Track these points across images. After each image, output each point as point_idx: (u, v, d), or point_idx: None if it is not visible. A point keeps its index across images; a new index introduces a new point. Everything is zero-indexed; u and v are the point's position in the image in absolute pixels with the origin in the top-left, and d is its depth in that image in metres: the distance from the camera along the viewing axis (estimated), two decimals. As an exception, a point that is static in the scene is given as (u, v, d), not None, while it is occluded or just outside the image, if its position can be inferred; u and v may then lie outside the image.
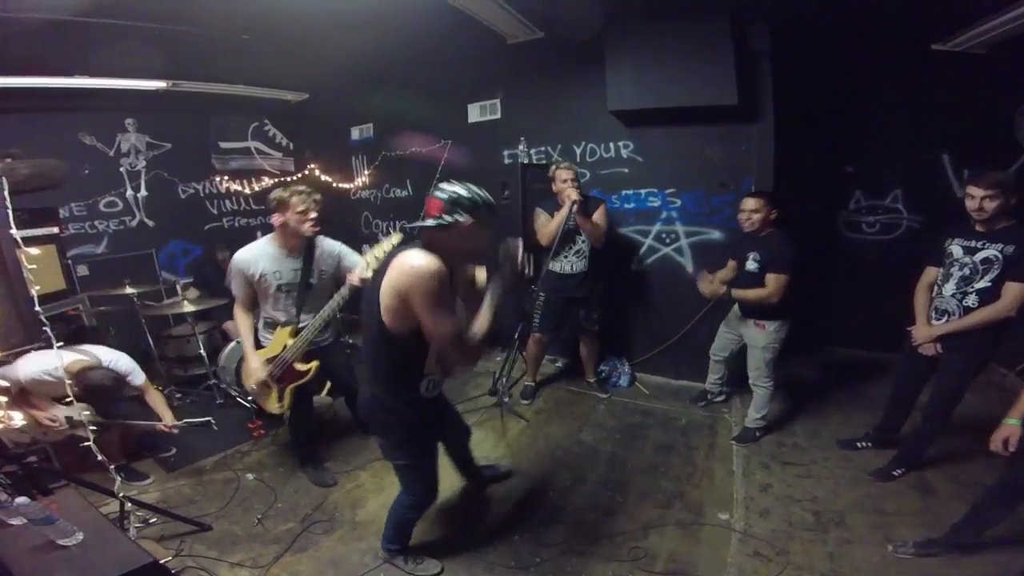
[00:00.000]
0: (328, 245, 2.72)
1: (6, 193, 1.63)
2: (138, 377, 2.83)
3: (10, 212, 1.63)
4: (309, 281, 2.65)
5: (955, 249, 2.46)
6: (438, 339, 1.68)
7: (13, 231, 1.63)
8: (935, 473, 2.73)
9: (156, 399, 2.93)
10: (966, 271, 2.40)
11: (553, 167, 3.48)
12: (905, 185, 4.08)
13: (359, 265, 2.53)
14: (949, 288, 2.47)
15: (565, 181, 3.34)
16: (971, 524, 2.12)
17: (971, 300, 2.38)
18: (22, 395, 2.46)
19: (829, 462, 2.95)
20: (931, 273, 2.61)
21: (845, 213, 4.36)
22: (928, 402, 2.62)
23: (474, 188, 1.71)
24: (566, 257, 3.58)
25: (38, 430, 2.48)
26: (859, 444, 3.04)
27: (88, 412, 2.70)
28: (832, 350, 4.45)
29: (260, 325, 2.77)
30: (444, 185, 1.72)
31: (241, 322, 2.66)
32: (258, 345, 2.72)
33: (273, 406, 2.73)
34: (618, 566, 2.25)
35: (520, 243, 1.79)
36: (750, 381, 3.14)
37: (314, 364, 2.68)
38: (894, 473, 2.73)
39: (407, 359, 1.79)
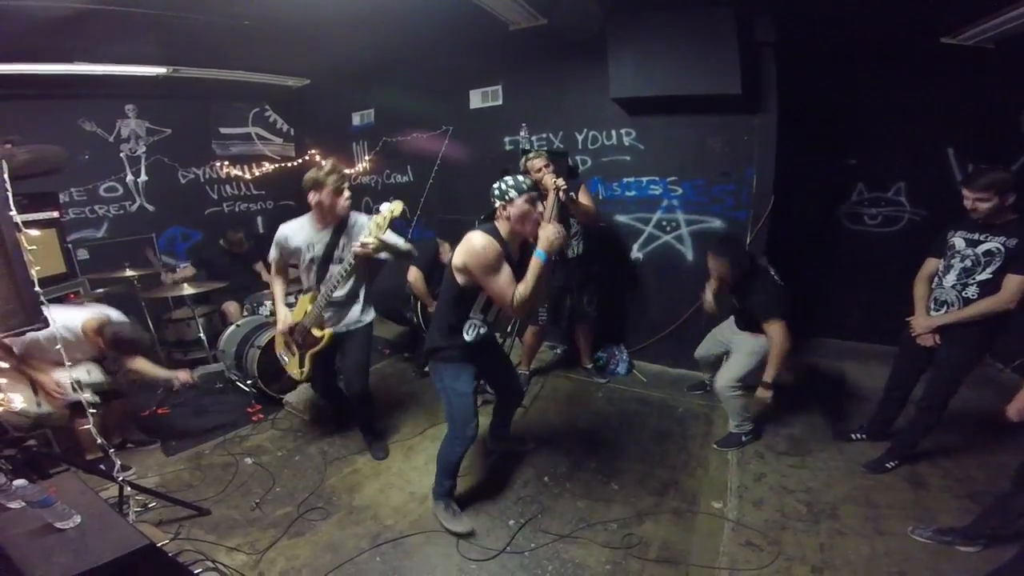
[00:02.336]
0: (359, 220, 2.78)
1: (6, 176, 1.63)
2: None
3: (10, 196, 1.63)
4: (334, 252, 2.73)
5: (958, 241, 2.46)
6: (492, 295, 2.14)
7: (13, 213, 1.63)
8: (928, 466, 2.75)
9: (144, 364, 2.93)
10: (967, 263, 2.40)
11: (523, 160, 3.39)
12: (908, 178, 4.04)
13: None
14: (950, 279, 2.47)
15: (540, 170, 3.23)
16: (995, 514, 2.11)
17: (971, 291, 2.38)
18: (24, 362, 2.48)
19: (824, 453, 2.96)
20: (931, 264, 2.61)
21: (847, 205, 4.33)
22: (923, 394, 2.62)
23: (510, 180, 2.12)
24: (568, 244, 3.58)
25: (44, 400, 2.53)
26: (854, 435, 3.05)
27: (96, 371, 2.77)
28: (831, 342, 4.45)
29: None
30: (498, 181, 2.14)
31: (274, 283, 2.93)
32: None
33: (296, 371, 2.97)
34: (611, 552, 2.28)
35: (553, 226, 2.06)
36: (718, 386, 3.00)
37: (328, 332, 2.81)
38: (887, 465, 2.74)
39: (458, 305, 2.26)
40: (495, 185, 2.15)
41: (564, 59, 4.02)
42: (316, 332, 2.82)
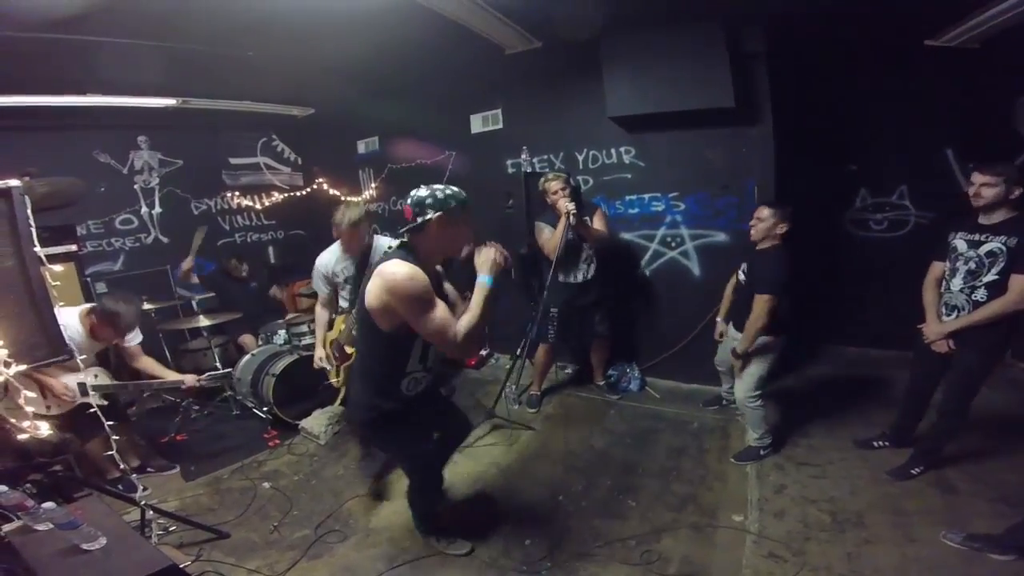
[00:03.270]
0: (379, 241, 3.09)
1: (29, 211, 1.69)
2: (137, 336, 3.01)
3: (33, 230, 1.69)
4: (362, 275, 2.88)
5: (959, 243, 2.45)
6: (428, 337, 1.78)
7: (37, 248, 1.69)
8: (955, 470, 2.68)
9: (151, 364, 3.04)
10: (972, 265, 2.38)
11: (542, 180, 3.51)
12: (911, 181, 4.06)
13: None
14: (957, 283, 2.45)
15: (556, 192, 3.38)
16: None
17: (980, 294, 2.36)
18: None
19: (845, 462, 2.91)
20: (937, 268, 2.60)
21: (851, 211, 4.34)
22: (943, 399, 2.59)
23: (438, 187, 1.83)
24: (577, 267, 3.62)
25: (53, 404, 2.58)
26: (876, 443, 2.99)
27: (103, 375, 2.83)
28: (844, 350, 4.42)
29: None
30: (412, 191, 1.85)
31: (319, 316, 3.24)
32: None
33: (335, 379, 3.29)
34: (630, 570, 2.25)
35: (495, 248, 1.87)
36: (737, 399, 2.98)
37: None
38: (912, 472, 2.68)
39: (391, 359, 1.92)
40: (419, 193, 1.81)
41: (561, 81, 4.10)
42: (348, 349, 3.10)
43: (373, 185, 5.59)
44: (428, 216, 1.76)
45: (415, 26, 3.07)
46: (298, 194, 5.97)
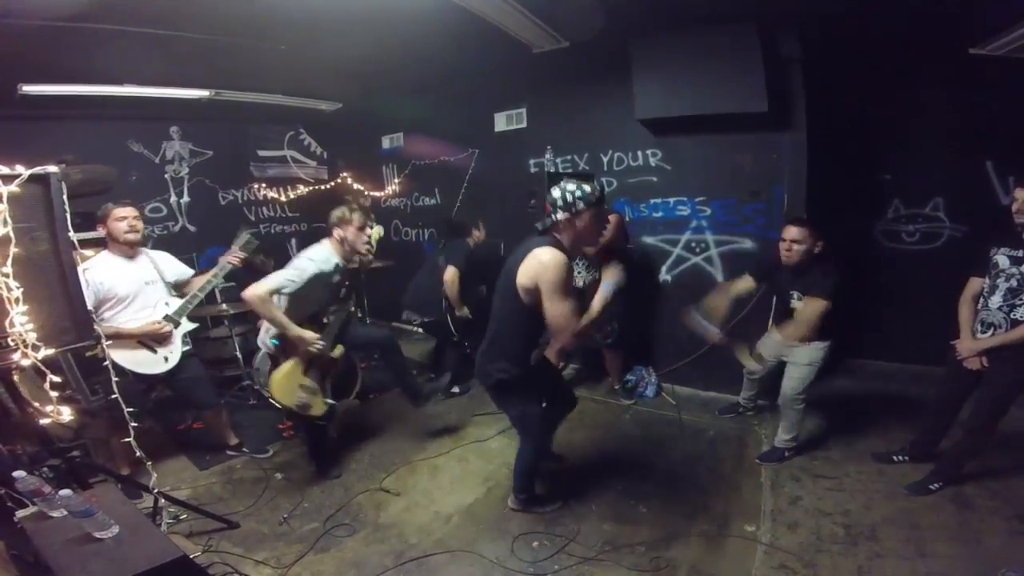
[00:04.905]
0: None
1: (64, 197, 1.74)
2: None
3: (68, 215, 1.73)
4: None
5: (1001, 259, 2.37)
6: (552, 318, 1.99)
7: (71, 233, 1.73)
8: (975, 488, 2.62)
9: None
10: (1013, 282, 2.30)
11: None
12: (946, 193, 3.92)
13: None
14: (996, 300, 2.37)
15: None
16: None
17: (1020, 313, 2.28)
18: None
19: (863, 475, 2.85)
20: (975, 284, 2.51)
21: (883, 222, 4.21)
22: (971, 416, 2.52)
23: (569, 187, 2.02)
24: (578, 273, 3.56)
25: (162, 348, 2.78)
26: (895, 458, 2.93)
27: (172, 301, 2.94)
28: (867, 363, 4.30)
29: (263, 336, 3.01)
30: (551, 189, 2.08)
31: (277, 311, 2.70)
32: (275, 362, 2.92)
33: (322, 407, 2.90)
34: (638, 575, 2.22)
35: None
36: (781, 400, 2.98)
37: (339, 347, 2.96)
38: (931, 487, 2.62)
39: (529, 330, 2.19)
40: (557, 193, 2.03)
41: (588, 81, 4.07)
42: (333, 354, 2.93)
43: (396, 180, 5.64)
44: (557, 215, 2.03)
45: (444, 23, 3.08)
46: (322, 188, 6.04)
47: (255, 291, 2.56)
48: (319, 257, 2.77)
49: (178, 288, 3.04)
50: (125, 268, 2.78)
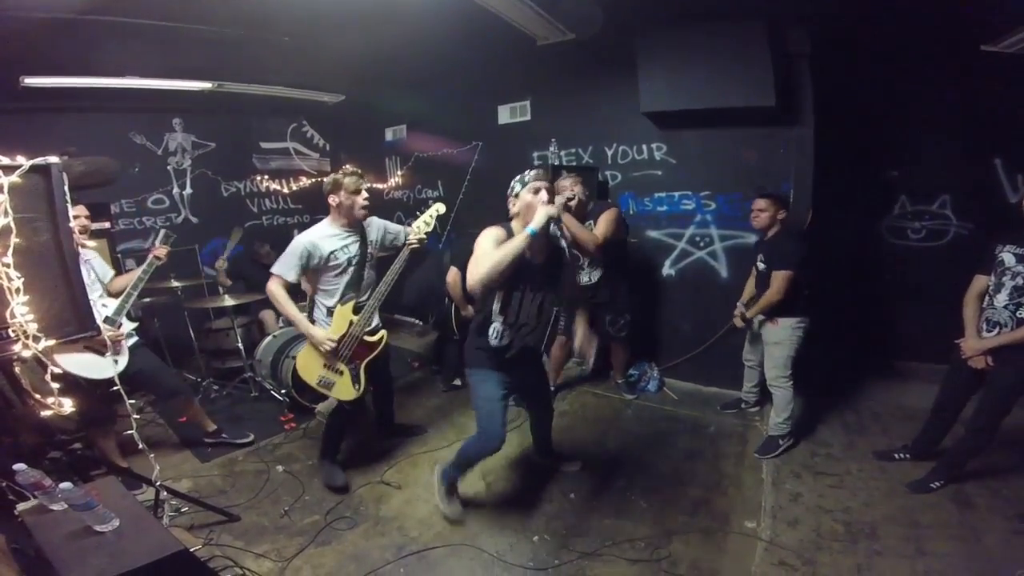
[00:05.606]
0: (373, 220, 2.87)
1: (66, 188, 1.73)
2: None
3: (70, 207, 1.72)
4: (369, 252, 2.78)
5: (1007, 257, 2.34)
6: (468, 274, 2.06)
7: (72, 224, 1.72)
8: (975, 486, 2.62)
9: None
10: (1019, 280, 2.28)
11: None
12: (954, 190, 3.88)
13: (408, 231, 2.88)
14: (1001, 299, 2.35)
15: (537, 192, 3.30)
16: None
17: None
18: None
19: (864, 473, 2.85)
20: (981, 282, 2.49)
21: (889, 218, 4.18)
22: (974, 415, 2.51)
23: (517, 177, 2.24)
24: (582, 268, 3.55)
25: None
26: (897, 455, 2.93)
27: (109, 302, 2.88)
28: (872, 359, 4.28)
29: (317, 315, 2.79)
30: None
31: (287, 300, 2.62)
32: None
33: (349, 392, 2.72)
34: (638, 571, 2.23)
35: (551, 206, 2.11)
36: (768, 382, 3.09)
37: (383, 332, 2.83)
38: (932, 485, 2.62)
39: (487, 303, 2.23)
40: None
41: (593, 74, 4.04)
42: (370, 338, 2.76)
43: (399, 173, 5.62)
44: (513, 198, 2.21)
45: (449, 14, 3.06)
46: (325, 179, 6.02)
47: (269, 285, 2.62)
48: (313, 232, 2.67)
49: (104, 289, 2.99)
50: None
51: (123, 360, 2.79)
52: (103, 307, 2.78)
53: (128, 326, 2.92)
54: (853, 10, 2.99)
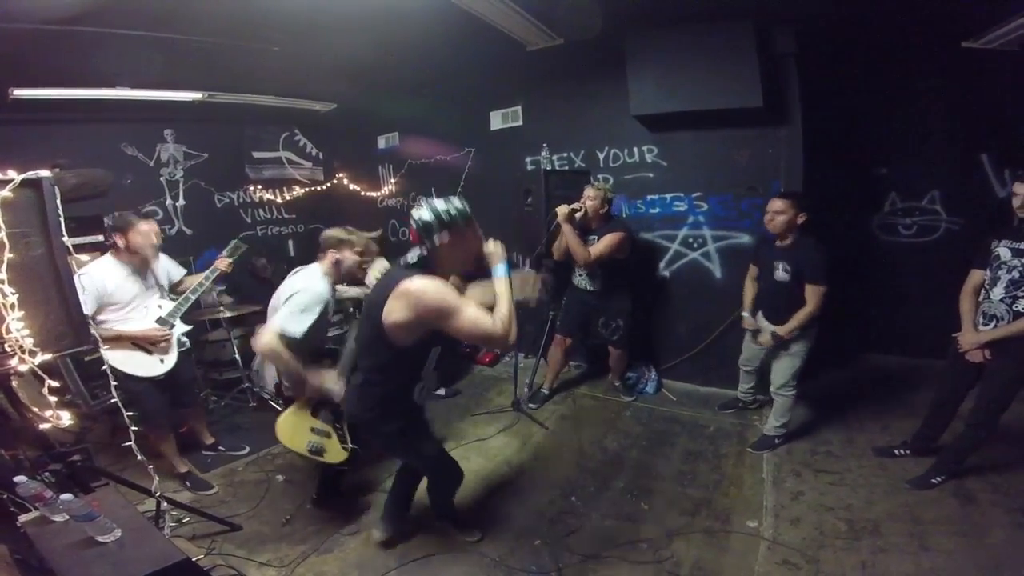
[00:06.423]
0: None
1: (58, 201, 1.72)
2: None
3: (62, 220, 1.72)
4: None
5: (1002, 251, 2.37)
6: (469, 337, 1.80)
7: (65, 238, 1.72)
8: (976, 481, 2.63)
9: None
10: (1015, 274, 2.31)
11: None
12: (943, 186, 3.93)
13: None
14: (997, 292, 2.37)
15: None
16: None
17: (1022, 305, 2.28)
18: None
19: (864, 470, 2.86)
20: (977, 276, 2.51)
21: (880, 215, 4.23)
22: (973, 410, 2.52)
23: (438, 205, 1.78)
24: (581, 275, 3.62)
25: (159, 351, 2.78)
26: (897, 452, 2.94)
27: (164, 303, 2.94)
28: (868, 356, 4.32)
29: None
30: (413, 212, 1.82)
31: (292, 359, 2.30)
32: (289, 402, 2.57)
33: (340, 453, 2.45)
34: (641, 572, 2.22)
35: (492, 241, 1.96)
36: (772, 388, 3.07)
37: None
38: (933, 481, 2.62)
39: (404, 370, 1.94)
40: (422, 216, 1.77)
41: (583, 78, 4.06)
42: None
43: (393, 180, 5.62)
44: (436, 240, 1.76)
45: (438, 21, 3.06)
46: (319, 188, 6.01)
47: (265, 341, 2.25)
48: (310, 286, 2.47)
49: (171, 288, 3.06)
50: (130, 275, 2.78)
51: (170, 360, 2.85)
52: (158, 308, 2.86)
53: (181, 328, 2.95)
54: (838, 9, 3.02)
